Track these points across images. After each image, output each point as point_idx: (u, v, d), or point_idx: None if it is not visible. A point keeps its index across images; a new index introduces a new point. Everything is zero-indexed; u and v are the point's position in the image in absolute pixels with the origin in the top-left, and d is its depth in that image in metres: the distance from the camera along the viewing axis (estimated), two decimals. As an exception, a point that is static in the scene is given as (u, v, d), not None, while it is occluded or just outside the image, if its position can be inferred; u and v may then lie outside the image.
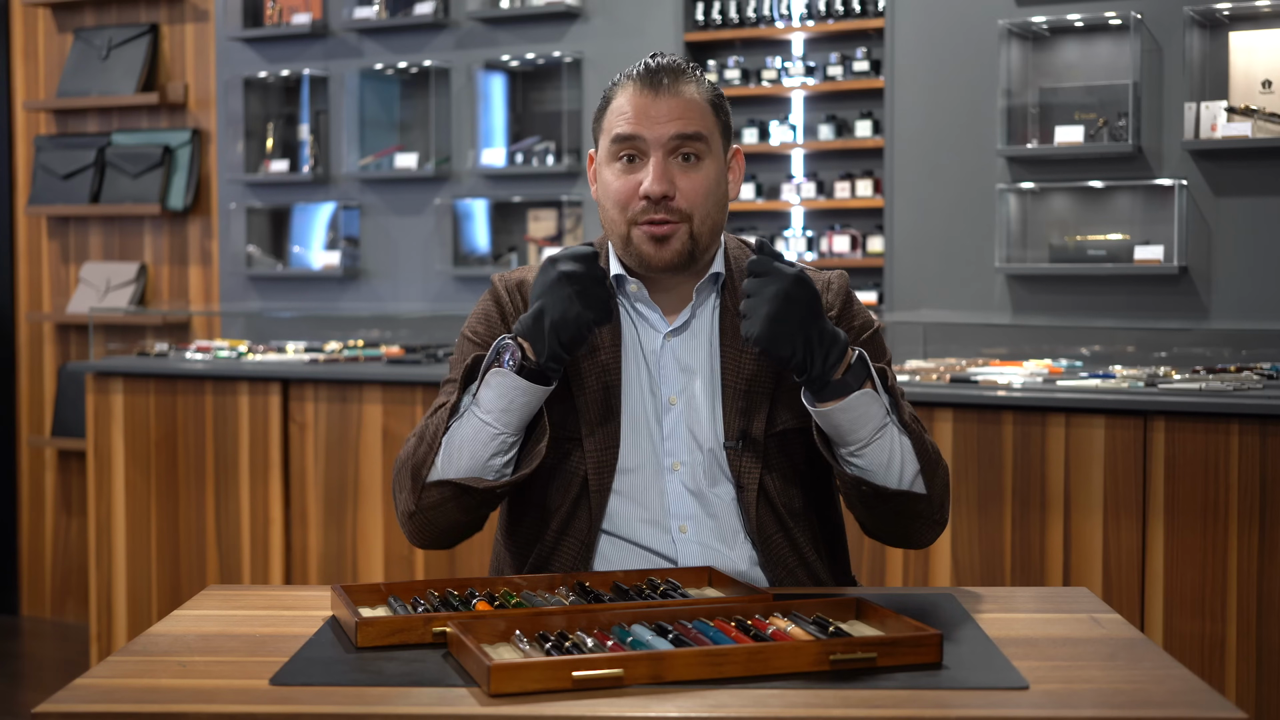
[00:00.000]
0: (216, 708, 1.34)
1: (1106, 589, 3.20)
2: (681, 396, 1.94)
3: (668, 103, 1.88)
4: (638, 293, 1.96)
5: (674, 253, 1.89)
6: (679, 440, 1.92)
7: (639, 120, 1.88)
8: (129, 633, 4.29)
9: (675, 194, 1.87)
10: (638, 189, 1.88)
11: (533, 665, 1.36)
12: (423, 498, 1.83)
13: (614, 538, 1.92)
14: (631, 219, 1.89)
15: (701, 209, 1.89)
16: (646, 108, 1.88)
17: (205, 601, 1.79)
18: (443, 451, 1.82)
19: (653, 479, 1.92)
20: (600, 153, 1.95)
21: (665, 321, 1.96)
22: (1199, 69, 3.80)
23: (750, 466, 1.91)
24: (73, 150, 5.27)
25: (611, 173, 1.91)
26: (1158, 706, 1.34)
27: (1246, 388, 3.24)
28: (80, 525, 5.30)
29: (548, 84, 4.76)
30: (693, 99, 1.90)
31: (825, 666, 1.42)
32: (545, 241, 4.71)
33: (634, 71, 1.92)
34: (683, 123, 1.88)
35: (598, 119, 1.96)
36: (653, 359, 1.95)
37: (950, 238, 4.11)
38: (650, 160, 1.88)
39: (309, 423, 4.11)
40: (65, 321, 5.31)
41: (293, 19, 4.93)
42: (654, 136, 1.87)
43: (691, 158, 1.89)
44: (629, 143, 1.89)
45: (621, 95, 1.92)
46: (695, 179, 1.89)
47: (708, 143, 1.90)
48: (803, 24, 4.33)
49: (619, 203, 1.90)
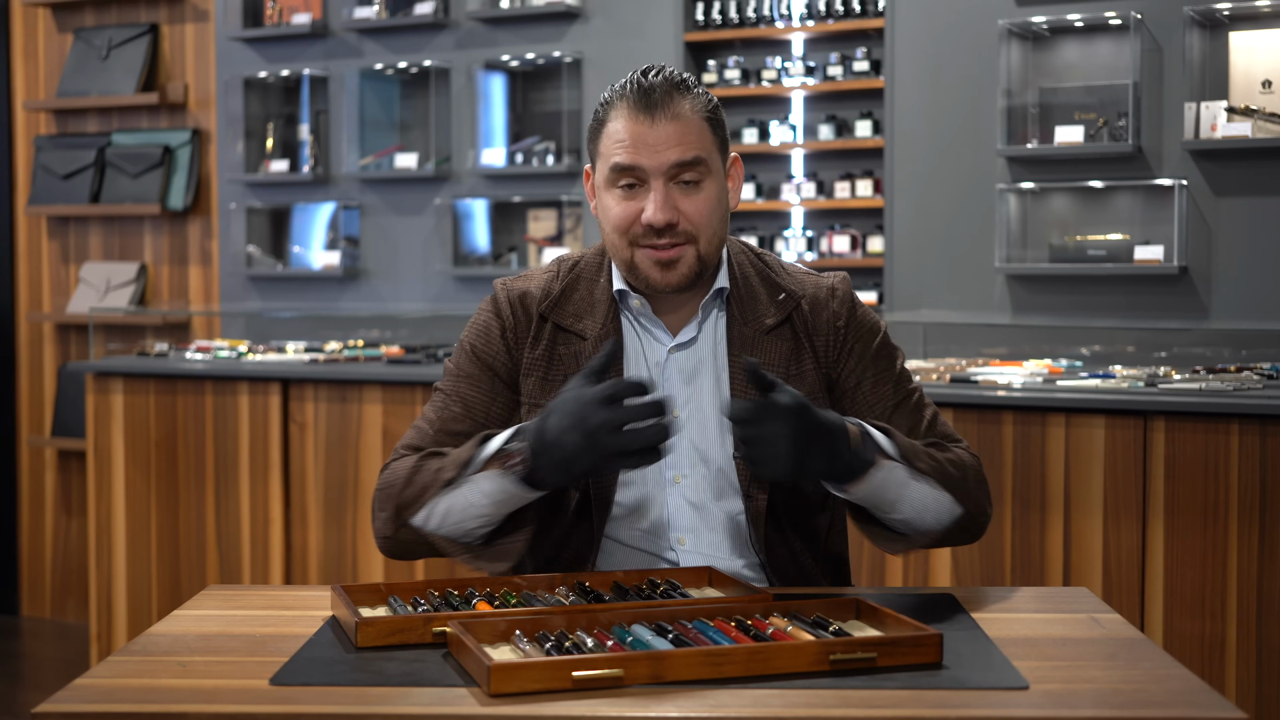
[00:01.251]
0: (216, 708, 1.34)
1: (1106, 589, 3.20)
2: (685, 410, 1.92)
3: (664, 129, 1.84)
4: (641, 308, 1.94)
5: (681, 276, 1.88)
6: (681, 454, 1.91)
7: (637, 150, 1.85)
8: (129, 633, 4.29)
9: (679, 219, 1.85)
10: (639, 215, 1.86)
11: (533, 665, 1.36)
12: (400, 533, 1.82)
13: (613, 547, 1.92)
14: (633, 241, 1.87)
15: (707, 229, 1.87)
16: (643, 135, 1.84)
17: (205, 601, 1.79)
18: (427, 509, 1.78)
19: (654, 492, 1.91)
20: (598, 176, 1.92)
21: (670, 336, 1.95)
22: (1199, 69, 3.80)
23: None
24: (73, 150, 5.27)
25: (612, 199, 1.88)
26: (1158, 706, 1.34)
27: (1246, 388, 3.23)
28: (80, 525, 5.30)
29: (548, 84, 4.76)
30: (689, 120, 1.86)
31: (825, 666, 1.42)
32: (545, 241, 4.71)
33: (627, 90, 1.87)
34: (681, 149, 1.85)
35: (592, 138, 1.92)
36: (656, 371, 1.94)
37: (950, 238, 4.12)
38: (651, 188, 1.85)
39: (309, 423, 4.11)
40: (65, 321, 5.31)
41: (293, 19, 4.94)
42: (653, 165, 1.84)
43: (692, 181, 1.86)
44: (628, 173, 1.86)
45: (616, 119, 1.87)
46: (698, 201, 1.86)
47: (707, 164, 1.87)
48: (803, 24, 4.33)
49: (620, 228, 1.88)
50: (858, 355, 1.96)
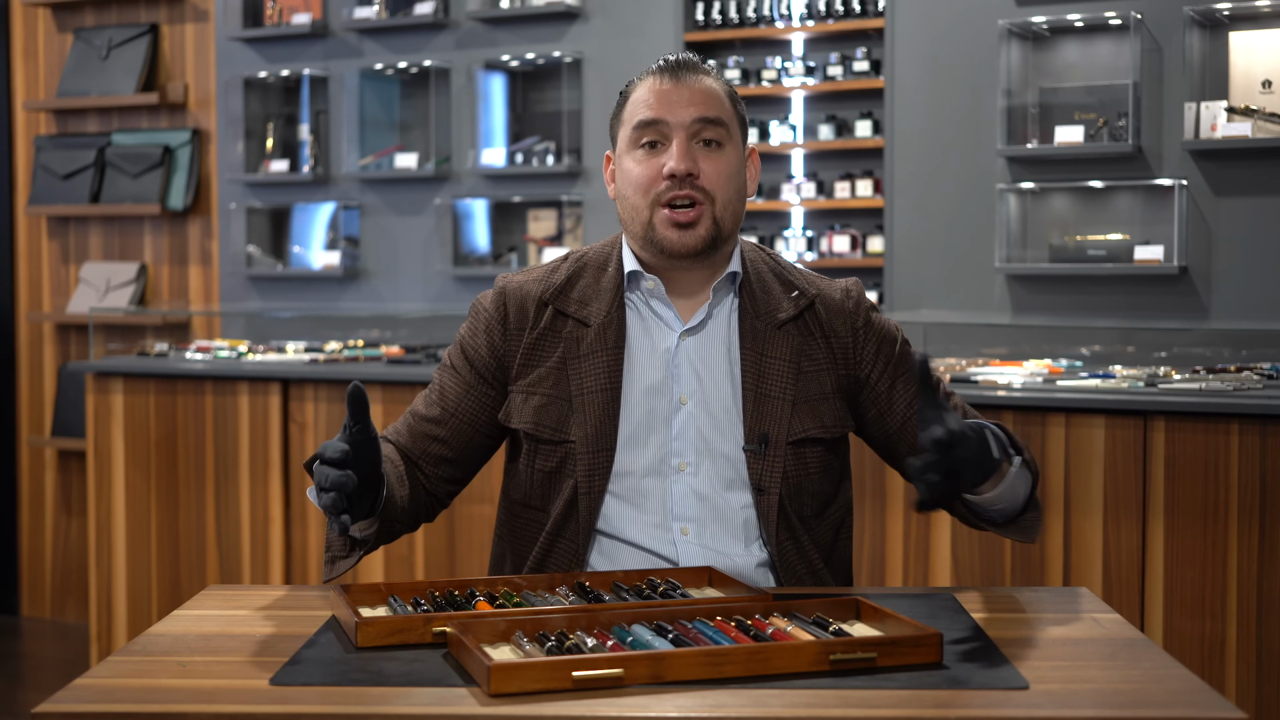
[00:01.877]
0: (216, 708, 1.34)
1: (1106, 589, 3.20)
2: (693, 397, 1.92)
3: (689, 89, 1.91)
4: (654, 289, 1.95)
5: (698, 239, 1.90)
6: (687, 441, 1.91)
7: (661, 105, 1.91)
8: (129, 633, 4.29)
9: (699, 173, 1.89)
10: (660, 171, 1.89)
11: (533, 665, 1.36)
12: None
13: (612, 539, 1.91)
14: (655, 200, 1.90)
15: (724, 192, 1.91)
16: (668, 94, 1.91)
17: (205, 601, 1.79)
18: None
19: (656, 481, 1.90)
20: (620, 144, 1.96)
21: (680, 321, 1.95)
22: (1199, 69, 3.80)
23: (771, 471, 1.89)
24: (73, 150, 5.27)
25: (633, 159, 1.93)
26: (1158, 706, 1.34)
27: (1246, 388, 3.24)
28: (80, 525, 5.30)
29: (548, 84, 4.76)
30: (712, 88, 1.94)
31: (825, 666, 1.42)
32: (545, 241, 4.71)
33: (653, 66, 1.96)
34: (704, 107, 1.91)
35: (616, 115, 1.98)
36: (666, 357, 1.93)
37: (950, 238, 4.11)
38: (673, 143, 1.90)
39: (309, 423, 4.11)
40: (65, 321, 5.31)
41: (293, 19, 4.93)
42: (676, 119, 1.90)
43: (713, 143, 1.91)
44: (651, 128, 1.91)
45: (642, 87, 1.95)
46: (718, 162, 1.91)
47: (728, 129, 1.93)
48: (803, 24, 4.33)
49: (641, 187, 1.91)
50: (885, 357, 1.97)
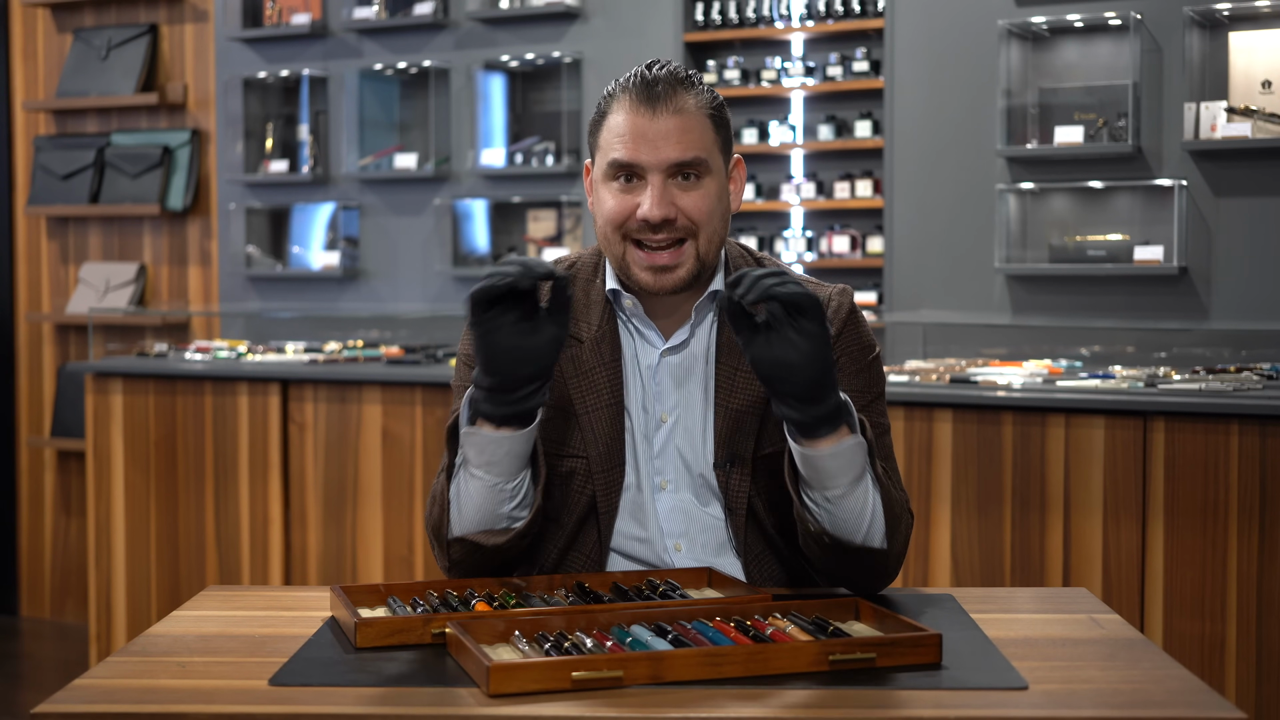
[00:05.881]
0: (216, 708, 1.34)
1: (1106, 589, 3.20)
2: (673, 414, 1.90)
3: (665, 123, 1.80)
4: (633, 309, 1.90)
5: (677, 280, 1.84)
6: (667, 459, 1.89)
7: (636, 145, 1.81)
8: (128, 633, 4.29)
9: (676, 215, 1.82)
10: (634, 210, 1.82)
11: (532, 665, 1.36)
12: (450, 554, 1.81)
13: (617, 555, 1.90)
14: (626, 235, 1.84)
15: (708, 225, 1.83)
16: (644, 130, 1.81)
17: (205, 602, 1.79)
18: (453, 508, 1.78)
19: (647, 496, 1.89)
20: (597, 170, 1.88)
21: (662, 339, 1.91)
22: (1199, 69, 3.80)
23: (739, 488, 1.86)
24: (72, 150, 5.27)
25: (608, 192, 1.85)
26: (1157, 706, 1.34)
27: (1246, 388, 3.23)
28: (80, 525, 5.30)
29: (547, 84, 4.76)
30: (691, 117, 1.82)
31: (825, 666, 1.42)
32: (545, 242, 4.71)
33: (630, 83, 1.83)
34: (681, 148, 1.81)
35: (593, 131, 1.89)
36: (648, 374, 1.90)
37: (950, 238, 4.11)
38: (648, 184, 1.81)
39: (308, 423, 4.11)
40: (65, 322, 5.31)
41: (292, 19, 4.93)
42: (652, 162, 1.81)
43: (691, 176, 1.83)
44: (626, 169, 1.82)
45: (617, 112, 1.83)
46: (696, 197, 1.82)
47: (708, 164, 1.83)
48: (802, 24, 4.33)
49: (614, 221, 1.84)
50: (842, 369, 1.87)
